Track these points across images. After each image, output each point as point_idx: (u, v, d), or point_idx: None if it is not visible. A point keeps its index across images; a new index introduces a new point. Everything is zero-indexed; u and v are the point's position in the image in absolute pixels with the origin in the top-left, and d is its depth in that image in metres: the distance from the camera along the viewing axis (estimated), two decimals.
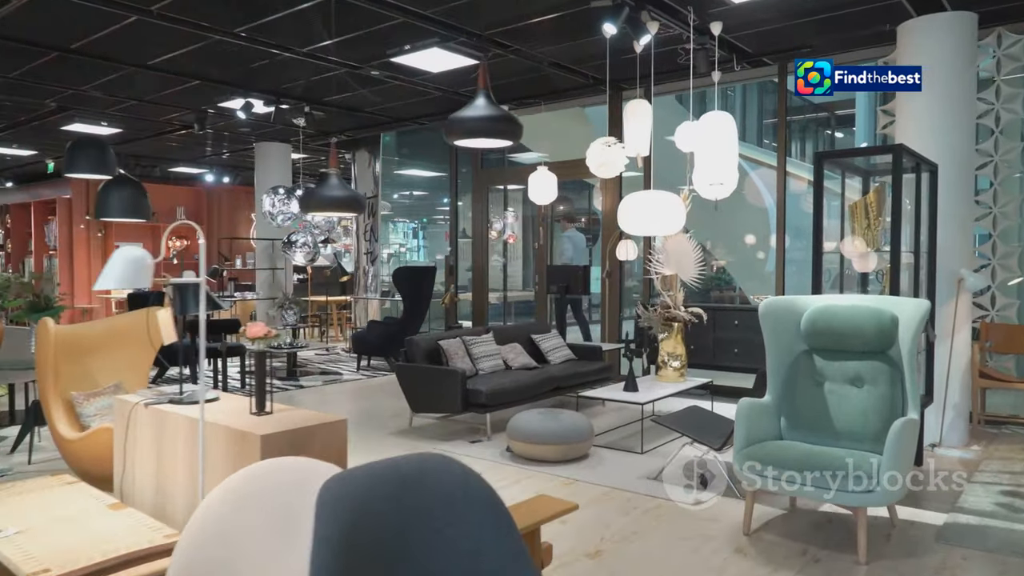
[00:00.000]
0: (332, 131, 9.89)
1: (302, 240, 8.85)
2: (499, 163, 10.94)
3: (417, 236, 20.57)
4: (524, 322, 9.21)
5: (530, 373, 6.09)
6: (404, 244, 20.49)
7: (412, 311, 8.88)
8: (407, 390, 5.83)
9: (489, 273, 12.46)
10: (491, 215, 10.49)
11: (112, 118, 9.05)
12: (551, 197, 7.13)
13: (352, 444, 5.61)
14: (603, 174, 5.49)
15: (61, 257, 14.24)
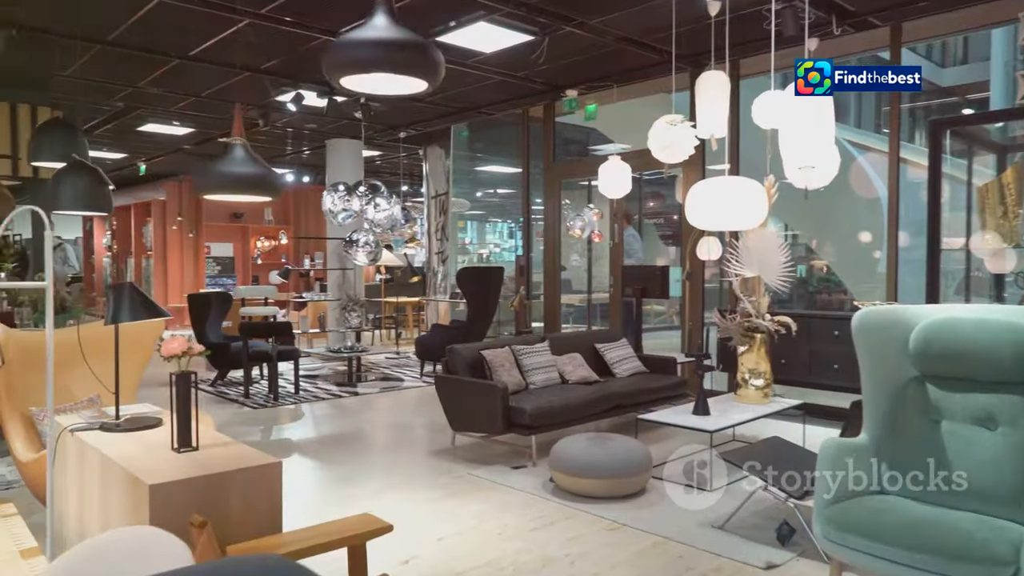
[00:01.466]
0: (398, 125, 9.46)
1: (363, 239, 8.43)
2: (578, 155, 10.19)
3: (514, 235, 20.09)
4: (591, 329, 8.45)
5: (587, 389, 5.33)
6: (500, 244, 20.07)
7: (477, 315, 8.29)
8: (446, 405, 5.22)
9: (568, 274, 11.76)
10: (571, 211, 9.78)
11: (180, 116, 8.97)
12: (624, 190, 6.35)
13: (384, 463, 5.17)
14: (668, 158, 4.66)
15: (156, 258, 14.63)
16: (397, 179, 14.54)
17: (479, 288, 8.29)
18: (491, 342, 5.45)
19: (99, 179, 2.90)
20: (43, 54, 6.29)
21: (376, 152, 11.82)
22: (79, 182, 2.93)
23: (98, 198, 3.06)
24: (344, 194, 8.28)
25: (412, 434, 5.80)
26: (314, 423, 6.24)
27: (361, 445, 5.47)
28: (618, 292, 7.91)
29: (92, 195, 3.02)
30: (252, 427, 6.04)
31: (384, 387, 7.84)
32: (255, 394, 7.33)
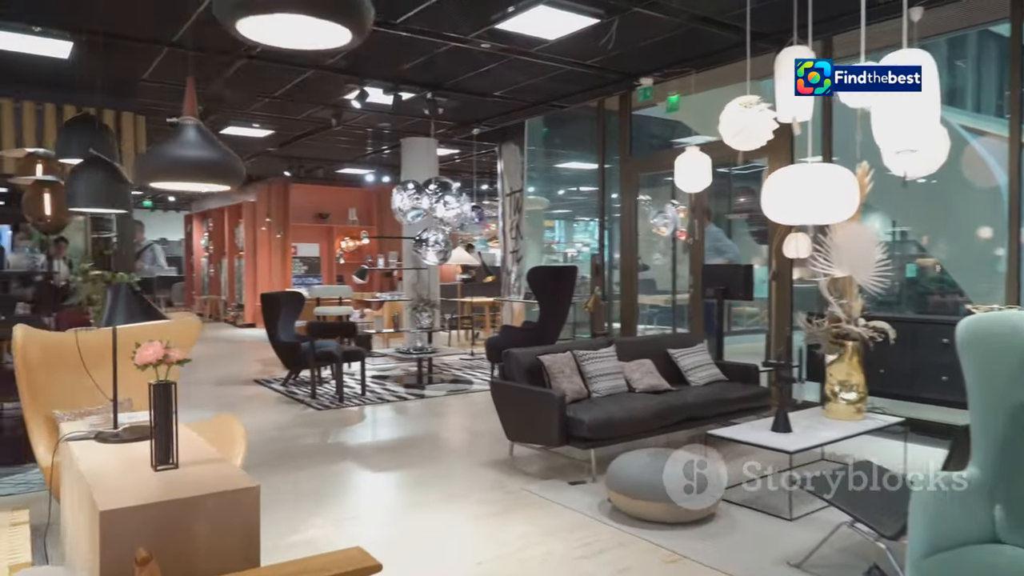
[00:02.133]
0: (469, 121, 9.24)
1: (433, 238, 8.25)
2: (659, 148, 9.67)
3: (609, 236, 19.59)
4: (667, 333, 7.94)
5: (656, 399, 4.89)
6: (588, 243, 19.65)
7: (549, 316, 7.95)
8: (502, 413, 4.91)
9: (652, 274, 11.23)
10: (652, 207, 9.29)
11: (257, 119, 9.07)
12: (703, 184, 5.87)
13: (435, 473, 4.83)
14: (741, 145, 4.18)
15: (247, 258, 15.05)
16: (476, 177, 14.42)
17: (551, 288, 7.95)
18: (551, 347, 5.11)
19: (116, 175, 2.78)
20: (119, 59, 6.41)
21: (453, 150, 11.68)
22: (94, 178, 2.81)
23: (114, 195, 2.93)
24: (413, 192, 8.12)
25: (471, 442, 5.52)
26: (373, 427, 6.07)
27: (415, 452, 5.24)
28: (698, 293, 7.38)
29: (108, 192, 2.89)
30: (311, 429, 5.93)
31: (452, 390, 7.62)
32: (322, 395, 7.26)
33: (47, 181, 4.56)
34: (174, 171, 1.85)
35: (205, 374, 8.84)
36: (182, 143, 1.89)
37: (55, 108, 7.32)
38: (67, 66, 6.51)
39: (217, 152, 1.87)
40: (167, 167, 1.85)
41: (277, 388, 7.65)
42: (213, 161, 1.86)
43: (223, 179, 1.92)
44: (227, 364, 9.66)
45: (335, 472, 4.69)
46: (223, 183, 1.94)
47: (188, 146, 1.88)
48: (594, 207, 18.69)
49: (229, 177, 1.92)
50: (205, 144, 1.87)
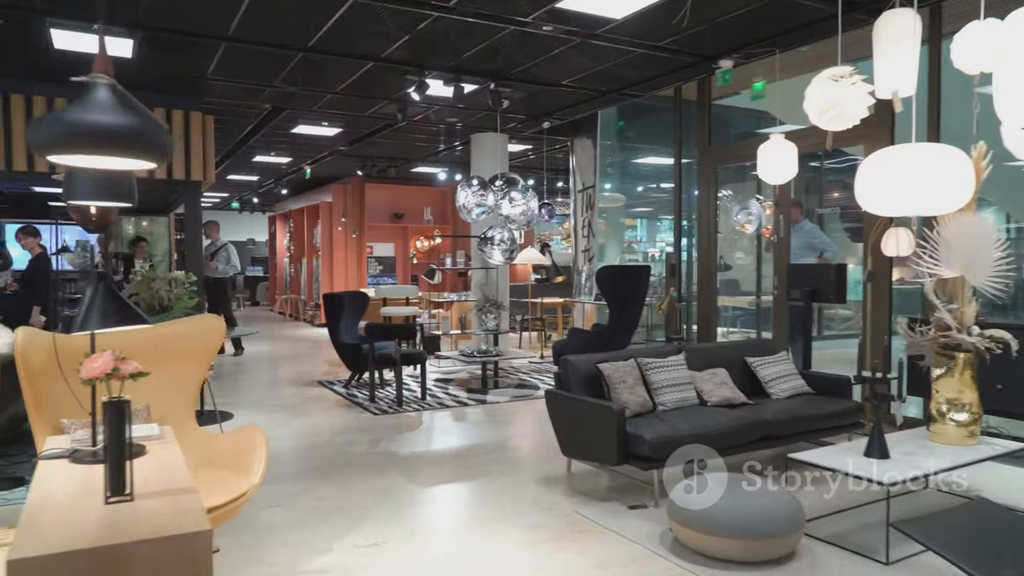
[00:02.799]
0: (539, 114, 8.85)
1: (499, 236, 7.91)
2: (743, 136, 9.01)
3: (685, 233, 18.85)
4: (745, 339, 7.31)
5: (729, 414, 4.37)
6: (672, 242, 18.89)
7: (620, 319, 7.47)
8: (557, 426, 4.50)
9: (735, 274, 10.55)
10: (736, 203, 8.67)
11: (324, 116, 8.98)
12: (788, 174, 5.30)
13: (483, 489, 4.35)
14: (830, 124, 3.61)
15: (323, 258, 15.18)
16: (551, 174, 14.01)
17: (621, 290, 7.47)
18: (612, 353, 4.66)
19: None
20: (181, 56, 6.38)
21: (525, 146, 11.32)
22: (93, 170, 2.59)
23: (117, 187, 2.70)
24: (478, 188, 7.80)
25: (527, 454, 5.14)
26: (427, 435, 5.77)
27: (465, 465, 4.90)
28: (783, 295, 6.74)
29: (109, 184, 2.67)
30: (363, 436, 5.69)
31: (516, 396, 7.25)
32: (382, 398, 7.04)
33: None
34: (74, 140, 1.52)
35: (272, 373, 8.82)
36: (88, 106, 1.56)
37: None
38: (132, 65, 6.52)
39: (133, 118, 1.54)
40: (65, 136, 1.52)
41: (339, 390, 7.50)
42: (125, 129, 1.52)
43: (139, 152, 1.59)
44: (297, 364, 9.63)
45: (376, 486, 4.40)
46: (139, 157, 1.62)
47: (96, 109, 1.55)
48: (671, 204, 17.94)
49: (146, 150, 1.60)
50: (118, 109, 1.54)
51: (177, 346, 3.36)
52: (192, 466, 3.33)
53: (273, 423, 6.09)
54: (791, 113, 8.19)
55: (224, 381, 8.23)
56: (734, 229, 8.90)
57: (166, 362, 3.33)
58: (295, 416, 6.38)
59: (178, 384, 3.36)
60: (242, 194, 18.58)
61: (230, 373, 8.87)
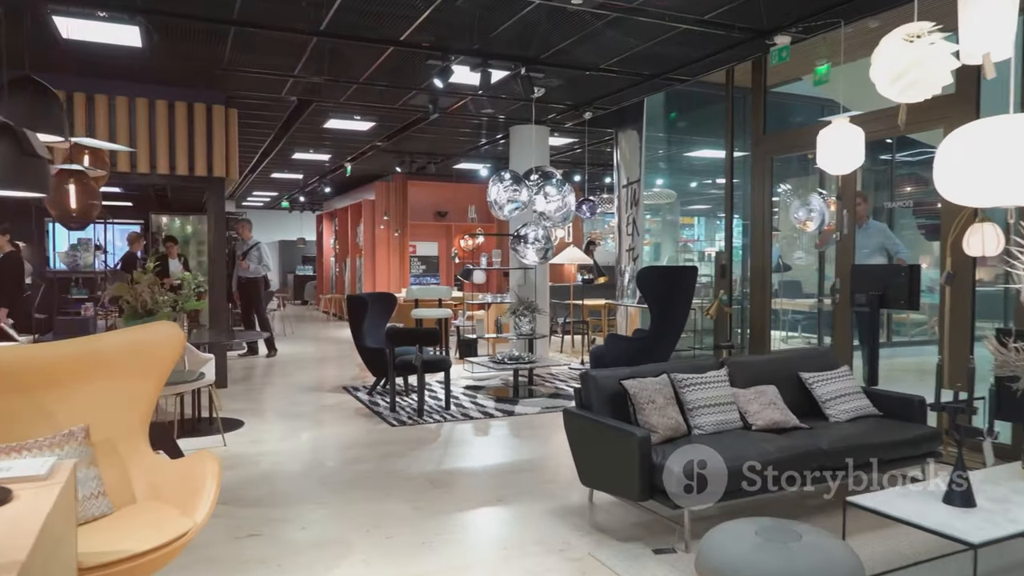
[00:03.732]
0: (579, 103, 8.26)
1: (533, 234, 7.37)
2: (803, 124, 8.23)
3: (746, 231, 17.99)
4: (792, 349, 6.60)
5: (777, 441, 3.72)
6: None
7: (662, 325, 6.83)
8: (576, 452, 3.94)
9: (796, 275, 9.78)
10: (795, 198, 7.93)
11: (355, 109, 8.60)
12: (853, 163, 4.64)
13: (490, 520, 3.79)
14: (904, 94, 2.94)
15: (366, 257, 14.92)
16: (599, 169, 13.38)
17: (664, 292, 6.82)
18: (641, 368, 4.06)
19: (23, 146, 2.14)
20: (191, 45, 6.06)
21: (568, 140, 10.74)
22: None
23: (24, 172, 2.28)
24: (510, 183, 7.27)
25: (546, 479, 4.58)
26: (443, 451, 5.28)
27: (476, 488, 4.38)
28: (846, 299, 6.00)
29: (14, 169, 2.24)
30: (374, 451, 5.23)
31: (548, 407, 6.69)
32: (404, 407, 6.59)
33: (72, 170, 4.13)
34: None
35: (298, 377, 8.50)
36: None
37: (142, 102, 7.16)
38: (144, 56, 6.25)
39: None
40: None
41: (361, 397, 7.08)
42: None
43: None
44: (326, 367, 9.30)
45: (370, 513, 3.92)
46: None
47: None
48: (736, 201, 17.05)
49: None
50: None
51: (124, 359, 2.95)
52: (138, 497, 2.90)
53: (283, 433, 5.70)
54: (860, 101, 7.40)
55: (248, 384, 7.93)
56: (794, 227, 8.17)
57: (110, 377, 2.92)
58: (308, 426, 5.98)
59: (126, 402, 2.94)
60: (290, 193, 18.52)
61: (258, 375, 8.58)
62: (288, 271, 22.75)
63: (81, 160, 4.68)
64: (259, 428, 5.84)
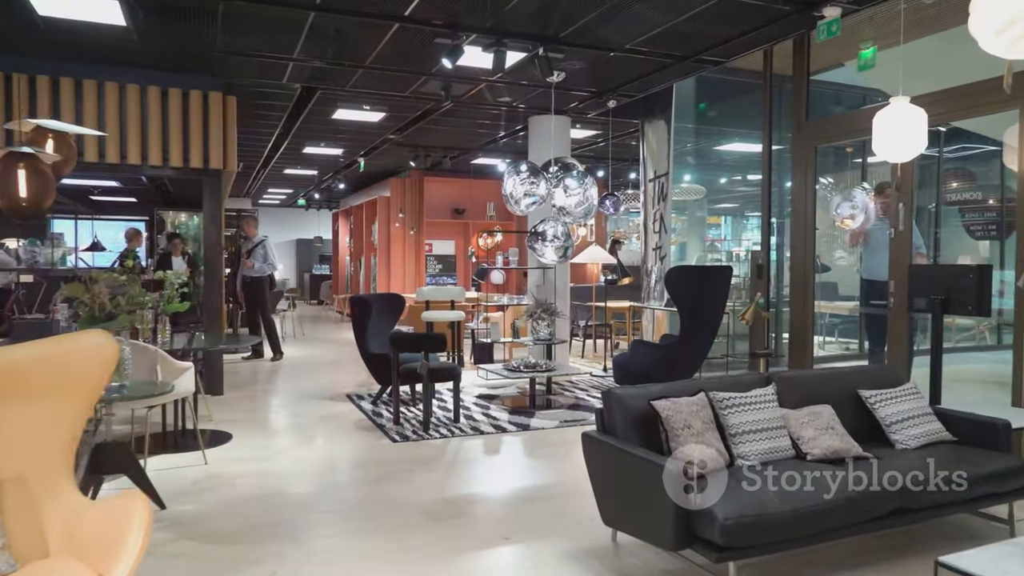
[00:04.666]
0: (603, 90, 7.65)
1: (551, 231, 6.77)
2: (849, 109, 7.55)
3: (775, 231, 17.24)
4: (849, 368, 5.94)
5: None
6: (759, 242, 17.23)
7: (693, 330, 6.22)
8: (597, 485, 3.34)
9: (834, 275, 9.11)
10: (836, 194, 7.29)
11: (362, 98, 8.07)
12: (914, 149, 4.04)
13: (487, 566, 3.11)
14: (1012, 49, 2.31)
15: (380, 256, 14.42)
16: (623, 165, 12.72)
17: (696, 294, 6.20)
18: (673, 385, 3.45)
19: None
20: (178, 24, 5.56)
21: (591, 132, 10.12)
22: None
23: None
24: (527, 176, 6.68)
25: (563, 510, 3.99)
26: (445, 474, 4.71)
27: (479, 523, 3.81)
28: (902, 303, 5.34)
29: None
30: (369, 472, 4.68)
31: (566, 420, 6.10)
32: (409, 419, 6.04)
33: (22, 153, 3.63)
34: None
35: (301, 383, 7.99)
36: None
37: (133, 88, 6.68)
38: (132, 37, 5.76)
39: None
40: None
41: (365, 407, 6.55)
42: None
43: None
44: (333, 372, 8.78)
45: (346, 556, 3.36)
46: None
47: None
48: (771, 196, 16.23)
49: None
50: None
51: (42, 376, 2.41)
52: (53, 549, 2.36)
53: (272, 449, 5.17)
54: (910, 88, 6.69)
55: (246, 391, 7.43)
56: (833, 224, 7.56)
57: (23, 397, 2.38)
58: (301, 441, 5.45)
59: (43, 428, 2.40)
60: (305, 190, 18.09)
61: (258, 381, 8.09)
62: (305, 270, 22.36)
63: (44, 144, 4.19)
64: (247, 442, 5.32)
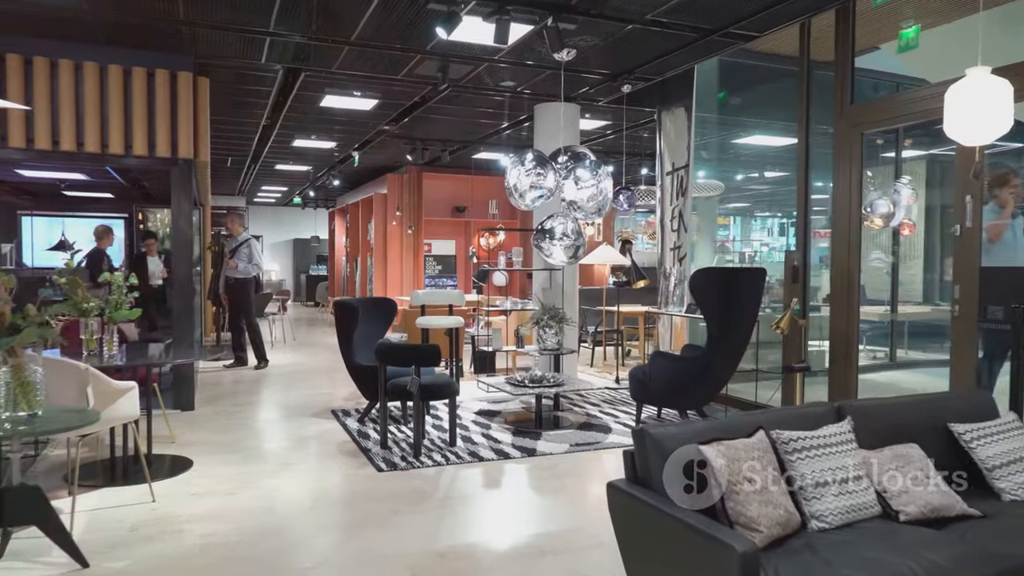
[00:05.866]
0: (618, 72, 6.90)
1: (560, 229, 6.02)
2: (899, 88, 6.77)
3: (785, 232, 16.54)
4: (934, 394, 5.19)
5: (947, 543, 2.33)
6: (768, 242, 16.49)
7: (722, 341, 5.47)
8: (627, 551, 2.59)
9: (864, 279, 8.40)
10: (876, 188, 6.56)
11: (351, 83, 7.34)
12: (997, 128, 3.28)
13: None
14: None
15: (377, 256, 13.69)
16: (634, 160, 11.97)
17: (725, 300, 5.45)
18: (728, 420, 2.70)
19: None
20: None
21: (601, 122, 9.37)
22: None
23: None
24: (534, 165, 5.93)
25: (579, 567, 3.24)
26: (436, 515, 3.95)
27: None
28: (971, 312, 4.57)
29: None
30: (341, 513, 3.94)
31: (578, 443, 5.35)
32: (400, 440, 5.30)
33: None
34: None
35: (284, 396, 7.25)
36: None
37: (91, 67, 5.95)
38: (84, 7, 5.05)
39: None
40: None
41: (351, 425, 5.81)
42: None
43: None
44: (320, 382, 8.04)
45: None
46: None
47: None
48: (776, 198, 15.43)
49: None
50: None
51: None
52: None
53: (233, 481, 4.42)
54: (951, 70, 5.91)
55: (221, 405, 6.69)
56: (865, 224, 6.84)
57: None
58: (272, 469, 4.70)
59: None
60: (300, 188, 17.36)
61: (239, 392, 7.35)
62: (301, 271, 21.64)
63: None
64: (209, 471, 4.58)
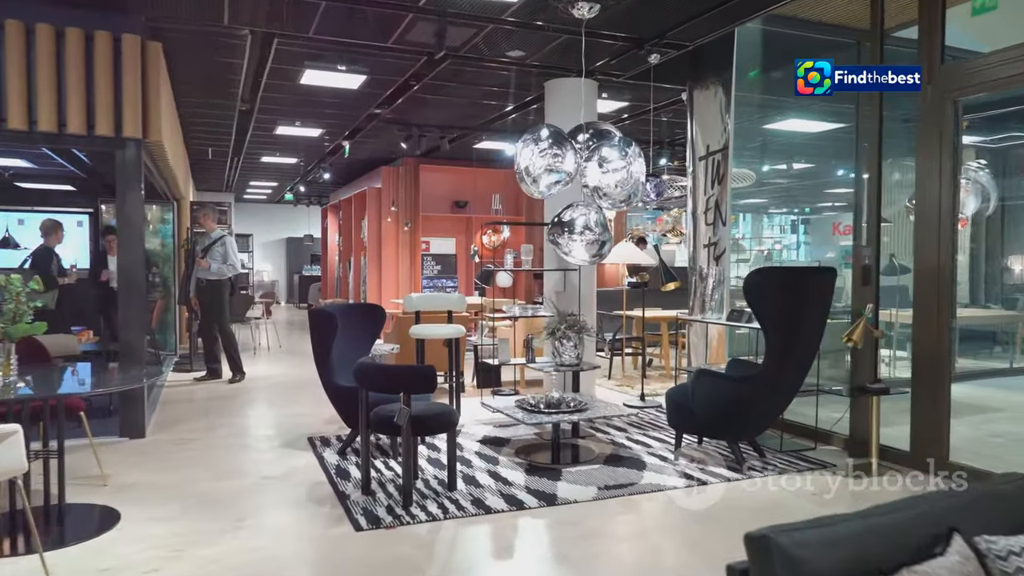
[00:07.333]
0: (642, 39, 5.86)
1: (581, 220, 4.98)
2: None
3: (797, 230, 15.52)
4: None
5: None
6: (779, 240, 15.56)
7: (784, 354, 4.42)
8: None
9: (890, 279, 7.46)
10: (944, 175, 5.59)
11: (334, 52, 6.30)
12: None
13: None
14: None
15: (371, 255, 12.64)
16: (656, 147, 10.92)
17: (789, 306, 4.41)
18: (895, 518, 1.67)
19: None
20: None
21: (619, 103, 8.34)
22: None
23: None
24: (550, 145, 4.89)
25: None
26: None
27: None
28: None
29: None
30: None
31: (607, 485, 4.29)
32: (385, 483, 4.27)
33: None
34: None
35: (257, 418, 6.23)
36: None
37: (15, 26, 4.93)
38: None
39: None
40: None
41: (328, 460, 4.78)
42: None
43: None
44: (301, 399, 6.99)
45: None
46: None
47: None
48: (793, 193, 14.30)
49: None
50: None
51: None
52: None
53: (164, 547, 3.37)
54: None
55: (178, 431, 5.65)
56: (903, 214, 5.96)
57: None
58: (216, 531, 3.65)
59: None
60: (291, 183, 16.32)
61: (206, 413, 6.31)
62: (294, 272, 20.61)
63: None
64: (135, 531, 3.55)
